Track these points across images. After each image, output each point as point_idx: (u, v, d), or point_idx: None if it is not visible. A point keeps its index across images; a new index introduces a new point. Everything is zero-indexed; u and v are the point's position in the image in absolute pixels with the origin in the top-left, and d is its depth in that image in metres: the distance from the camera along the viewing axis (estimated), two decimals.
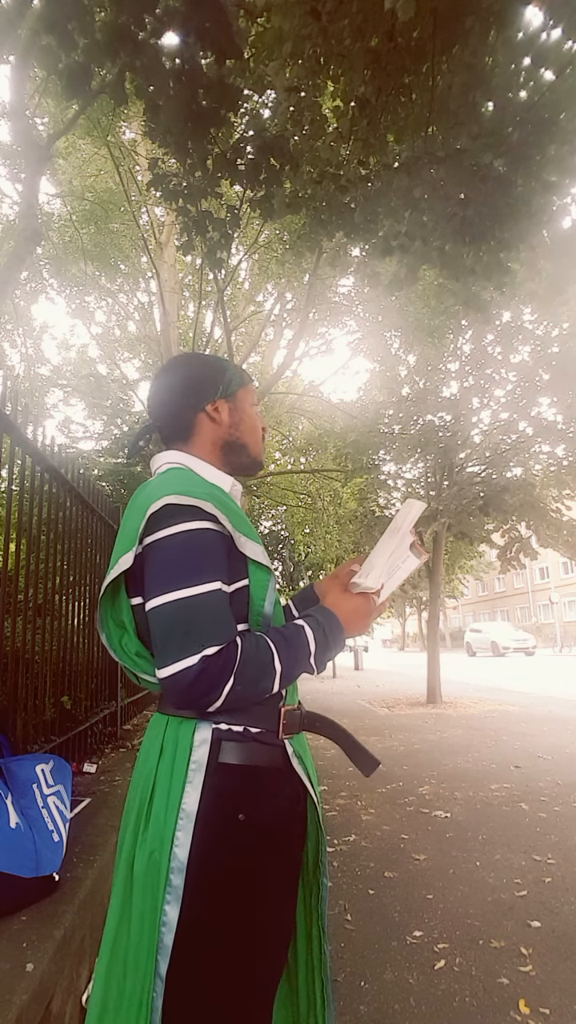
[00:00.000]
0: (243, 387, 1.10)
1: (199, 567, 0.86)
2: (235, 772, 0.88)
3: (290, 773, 0.94)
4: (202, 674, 0.81)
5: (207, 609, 0.84)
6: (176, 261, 12.00)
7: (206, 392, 1.06)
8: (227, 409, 1.07)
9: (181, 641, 0.82)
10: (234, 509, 0.93)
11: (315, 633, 0.93)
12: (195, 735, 0.88)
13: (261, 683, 0.86)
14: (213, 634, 0.83)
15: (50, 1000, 1.25)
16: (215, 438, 1.06)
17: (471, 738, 6.33)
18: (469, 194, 3.51)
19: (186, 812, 0.84)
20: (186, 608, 0.84)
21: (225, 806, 0.86)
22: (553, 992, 1.84)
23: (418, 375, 9.43)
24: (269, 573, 0.94)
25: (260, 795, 0.89)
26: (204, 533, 0.88)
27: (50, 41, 2.70)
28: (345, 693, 12.28)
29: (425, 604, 19.49)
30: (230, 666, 0.83)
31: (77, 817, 2.09)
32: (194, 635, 0.82)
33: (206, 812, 0.85)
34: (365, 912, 2.43)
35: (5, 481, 2.66)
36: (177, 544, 0.87)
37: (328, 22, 3.08)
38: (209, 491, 0.91)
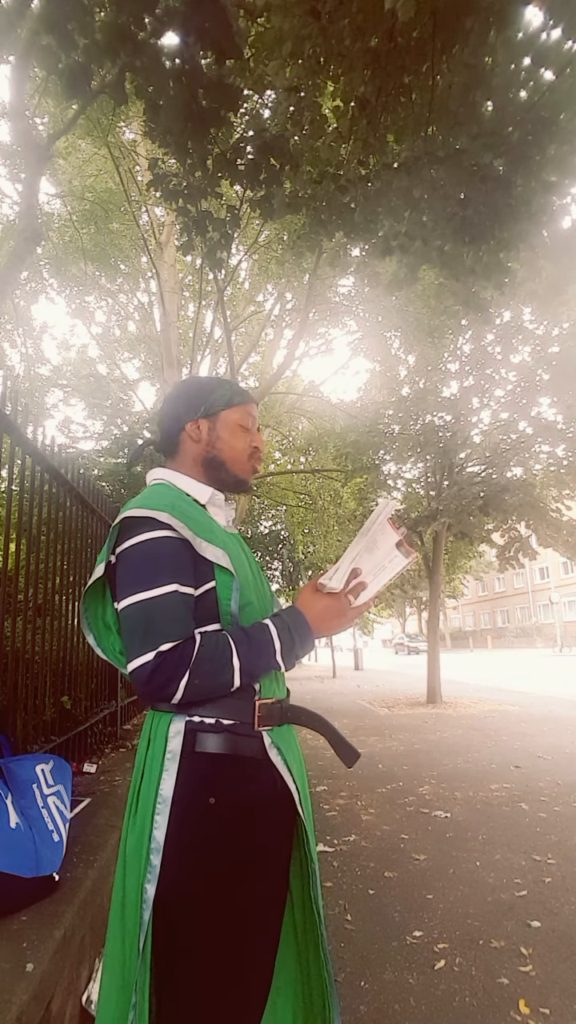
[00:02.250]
0: (229, 407, 1.15)
1: (156, 572, 0.95)
2: (209, 760, 0.96)
3: (267, 762, 0.99)
4: (158, 669, 0.89)
5: (162, 609, 0.93)
6: (176, 261, 12.00)
7: (189, 412, 1.14)
8: (206, 428, 1.13)
9: (141, 639, 0.92)
10: (196, 517, 1.01)
11: (280, 632, 0.98)
12: (171, 727, 0.97)
13: (219, 678, 0.93)
14: (168, 632, 0.92)
15: (50, 1000, 1.25)
16: (195, 455, 1.14)
17: (471, 738, 6.33)
18: (469, 194, 3.50)
19: (163, 797, 0.93)
20: (144, 609, 0.93)
21: (198, 790, 0.94)
22: (553, 992, 1.84)
23: (418, 375, 9.43)
24: (231, 576, 0.99)
25: (233, 780, 0.96)
26: (161, 540, 0.97)
27: (50, 41, 2.70)
28: (345, 693, 12.28)
29: (425, 604, 19.49)
30: (186, 661, 0.90)
31: (77, 817, 2.09)
32: (151, 633, 0.91)
33: (181, 796, 0.93)
34: (365, 912, 2.43)
35: (5, 481, 2.66)
36: (137, 552, 0.97)
37: (328, 22, 3.08)
38: (170, 502, 1.00)
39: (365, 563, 1.04)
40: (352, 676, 17.36)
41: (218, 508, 1.13)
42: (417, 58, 3.29)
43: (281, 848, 1.02)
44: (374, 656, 33.69)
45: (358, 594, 1.04)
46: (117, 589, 0.98)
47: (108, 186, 11.37)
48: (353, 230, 3.95)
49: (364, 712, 9.09)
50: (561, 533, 9.02)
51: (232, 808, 0.95)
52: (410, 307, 8.51)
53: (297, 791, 1.01)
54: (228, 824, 0.94)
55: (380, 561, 1.05)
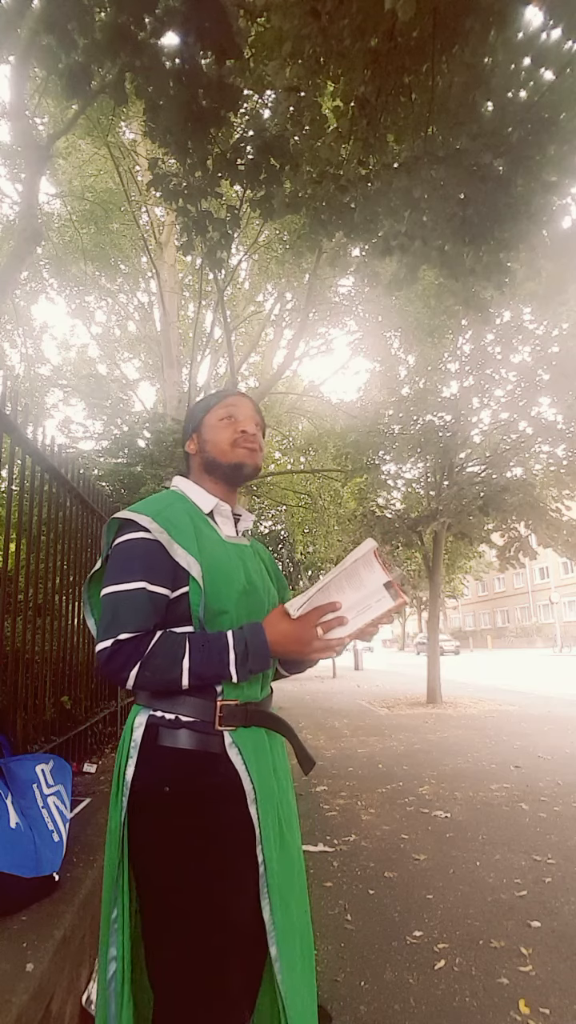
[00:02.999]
0: (207, 413, 1.26)
1: (127, 569, 1.05)
2: (167, 753, 1.04)
3: (225, 758, 1.04)
4: (114, 655, 0.99)
5: (126, 602, 1.02)
6: (176, 261, 12.00)
7: (188, 427, 1.30)
8: (196, 440, 1.26)
9: (105, 626, 1.02)
10: (180, 524, 1.09)
11: (236, 644, 1.02)
12: (136, 719, 1.07)
13: (168, 674, 1.00)
14: (127, 623, 1.01)
15: (50, 1000, 1.25)
16: (197, 465, 1.27)
17: (471, 738, 6.33)
18: (469, 194, 3.51)
19: (126, 782, 1.04)
20: (113, 601, 1.03)
21: (155, 779, 1.03)
22: (553, 992, 1.84)
23: (418, 375, 9.43)
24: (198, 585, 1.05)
25: (188, 773, 1.03)
26: (138, 542, 1.06)
27: (50, 41, 2.71)
28: (345, 693, 12.28)
29: (425, 604, 19.49)
30: (139, 653, 0.99)
31: (77, 817, 2.09)
32: (114, 622, 1.01)
33: (139, 783, 1.03)
34: (365, 912, 2.43)
35: (5, 481, 2.66)
36: (118, 550, 1.08)
37: (328, 22, 3.08)
38: (159, 508, 1.10)
39: (347, 598, 1.04)
40: (352, 676, 17.36)
41: (225, 518, 1.22)
42: (417, 58, 3.29)
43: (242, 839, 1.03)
44: (374, 656, 33.67)
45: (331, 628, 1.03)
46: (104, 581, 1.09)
47: (108, 186, 11.37)
48: (353, 230, 3.95)
49: (364, 712, 9.09)
50: (561, 533, 9.02)
51: (185, 796, 1.02)
52: (410, 307, 8.51)
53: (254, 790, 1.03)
54: (180, 810, 1.01)
55: (365, 600, 1.04)
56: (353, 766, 5.16)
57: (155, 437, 7.75)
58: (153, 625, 1.04)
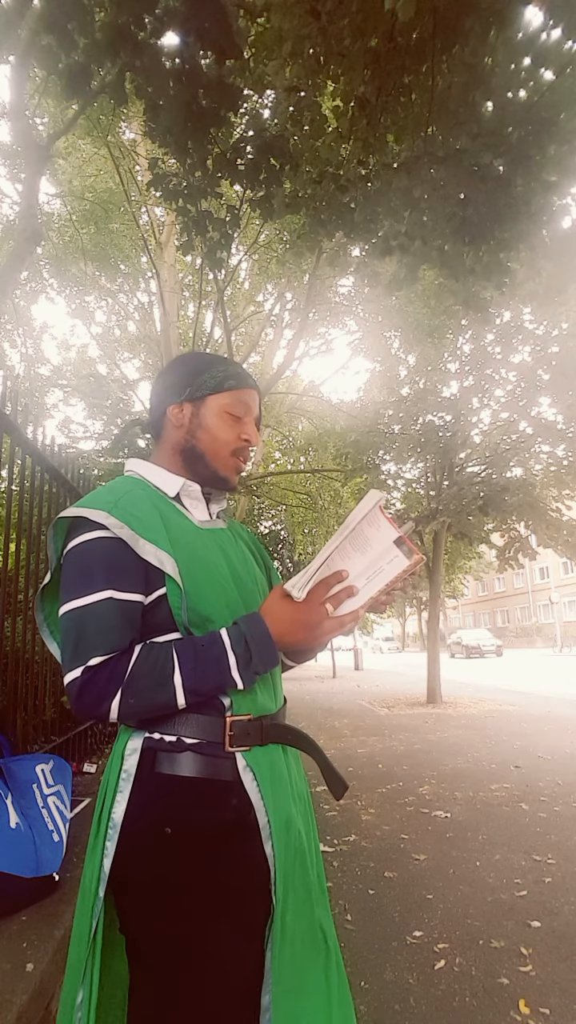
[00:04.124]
0: (218, 392, 1.00)
1: (87, 578, 0.84)
2: (168, 783, 0.84)
3: (239, 786, 0.86)
4: (86, 685, 0.80)
5: (92, 619, 0.82)
6: (176, 261, 12.00)
7: (173, 392, 1.01)
8: (189, 413, 1.01)
9: (71, 652, 0.82)
10: (142, 516, 0.88)
11: (234, 644, 0.84)
12: (127, 744, 0.87)
13: (158, 697, 0.81)
14: (96, 644, 0.81)
15: (50, 1000, 1.25)
16: (174, 442, 1.01)
17: (471, 738, 6.33)
18: (469, 194, 3.51)
19: (114, 822, 0.84)
20: (73, 619, 0.83)
21: (153, 818, 0.84)
22: (553, 992, 1.84)
23: (418, 375, 9.43)
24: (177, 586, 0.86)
25: (193, 807, 0.84)
26: (95, 542, 0.86)
27: (50, 41, 2.70)
28: (345, 693, 12.28)
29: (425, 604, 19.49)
30: (117, 678, 0.80)
31: (77, 817, 2.09)
32: (80, 646, 0.81)
33: (132, 823, 0.83)
34: (365, 912, 2.43)
35: (5, 481, 2.66)
36: (71, 556, 0.87)
37: (328, 22, 3.08)
38: (116, 499, 0.89)
39: (355, 565, 0.89)
40: (352, 676, 17.36)
41: (195, 500, 1.01)
42: (417, 58, 3.29)
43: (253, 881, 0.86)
44: (374, 656, 33.67)
45: (340, 601, 0.88)
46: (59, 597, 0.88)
47: (108, 186, 11.37)
48: (353, 230, 3.95)
49: (364, 712, 9.09)
50: (561, 533, 9.02)
51: (190, 838, 0.83)
52: (410, 307, 8.51)
53: (269, 824, 0.85)
54: (182, 856, 0.82)
55: (376, 563, 0.89)
56: (353, 766, 5.16)
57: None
58: (129, 641, 0.84)
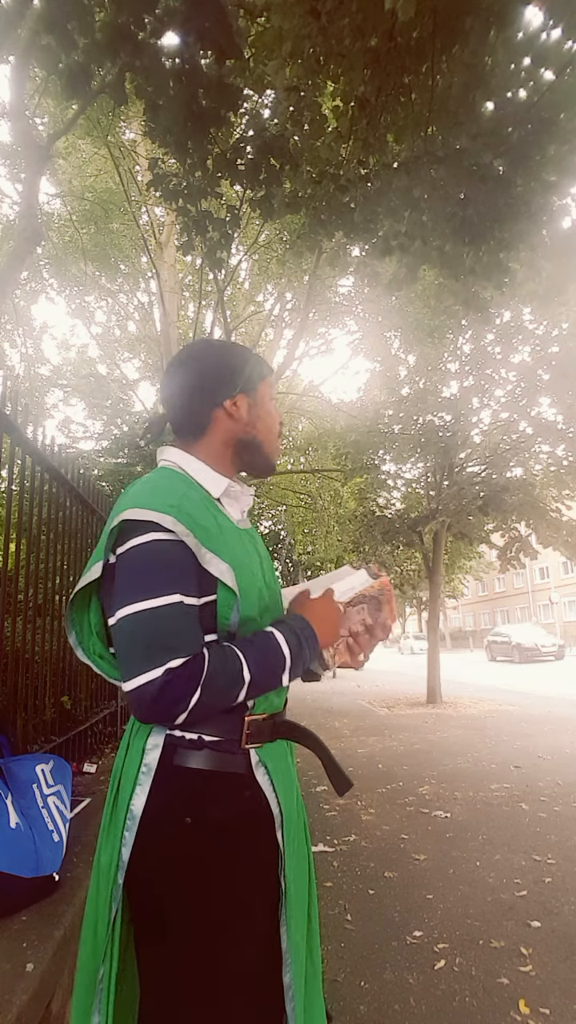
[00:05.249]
0: (263, 379, 1.04)
1: (158, 580, 0.85)
2: (187, 776, 0.88)
3: (252, 780, 0.91)
4: (166, 686, 0.80)
5: (168, 621, 0.83)
6: (176, 261, 12.00)
7: (226, 386, 1.01)
8: (246, 405, 1.01)
9: (144, 654, 0.81)
10: (203, 523, 0.89)
11: (288, 641, 0.89)
12: (148, 739, 0.90)
13: (229, 694, 0.84)
14: (176, 646, 0.82)
15: (50, 1000, 1.25)
16: (229, 436, 1.02)
17: (471, 738, 6.33)
18: (469, 194, 3.50)
19: (133, 814, 0.87)
20: (146, 621, 0.83)
21: (172, 809, 0.87)
22: (553, 992, 1.84)
23: (418, 375, 9.43)
24: (234, 594, 0.89)
25: (212, 800, 0.88)
26: (163, 545, 0.86)
27: (50, 41, 2.70)
28: (345, 693, 12.28)
29: (425, 604, 19.49)
30: (196, 678, 0.81)
31: (77, 817, 2.09)
32: (156, 648, 0.81)
33: (153, 814, 0.86)
34: (365, 912, 2.43)
35: (5, 481, 2.66)
36: (136, 557, 0.86)
37: (328, 22, 3.08)
38: (177, 502, 0.89)
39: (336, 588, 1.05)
40: (352, 676, 17.35)
41: (232, 500, 1.02)
42: (417, 58, 3.29)
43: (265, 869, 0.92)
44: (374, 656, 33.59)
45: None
46: (115, 596, 0.88)
47: (108, 186, 11.37)
48: (353, 230, 3.95)
49: (364, 712, 9.09)
50: (561, 533, 9.02)
51: (208, 828, 0.87)
52: (410, 307, 8.51)
53: (281, 814, 0.92)
54: (201, 845, 0.87)
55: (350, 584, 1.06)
56: (353, 766, 5.16)
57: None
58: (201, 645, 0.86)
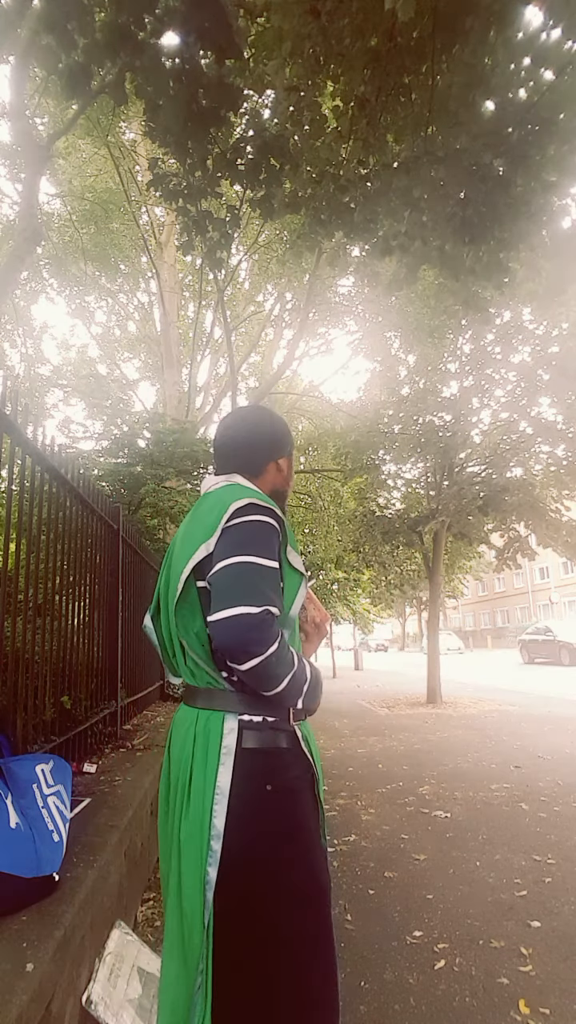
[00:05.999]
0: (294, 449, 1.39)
1: (269, 547, 1.05)
2: (258, 754, 1.07)
3: (299, 752, 1.12)
4: (262, 624, 0.96)
5: (272, 579, 1.02)
6: (176, 261, 12.00)
7: (281, 448, 1.33)
8: (287, 465, 1.35)
9: (247, 591, 0.98)
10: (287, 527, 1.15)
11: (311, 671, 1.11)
12: (224, 725, 1.07)
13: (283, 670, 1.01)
14: (273, 600, 0.99)
15: (50, 1000, 1.25)
16: (273, 484, 1.31)
17: (471, 738, 6.33)
18: (469, 194, 3.50)
19: (221, 788, 1.03)
20: (256, 570, 1.01)
21: (255, 781, 1.05)
22: (553, 992, 1.84)
23: (418, 375, 9.44)
24: (301, 578, 1.14)
25: (280, 769, 1.08)
26: (273, 527, 1.09)
27: (50, 41, 2.70)
28: (345, 693, 12.28)
29: (425, 604, 19.48)
30: (278, 635, 0.99)
31: (77, 817, 2.09)
32: (260, 592, 0.98)
33: (238, 788, 1.03)
34: (365, 912, 2.43)
35: (5, 481, 2.66)
36: (256, 526, 1.07)
37: (328, 21, 3.08)
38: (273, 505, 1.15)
39: None
40: (352, 676, 17.36)
41: None
42: (417, 58, 3.29)
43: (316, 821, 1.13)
44: (374, 656, 33.65)
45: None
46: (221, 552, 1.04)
47: (108, 186, 11.37)
48: (353, 230, 3.95)
49: (364, 712, 9.09)
50: (560, 533, 9.02)
51: (283, 794, 1.07)
52: (410, 307, 8.51)
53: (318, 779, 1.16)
54: (281, 809, 1.06)
55: None
56: (353, 766, 5.16)
57: (155, 437, 7.74)
58: None
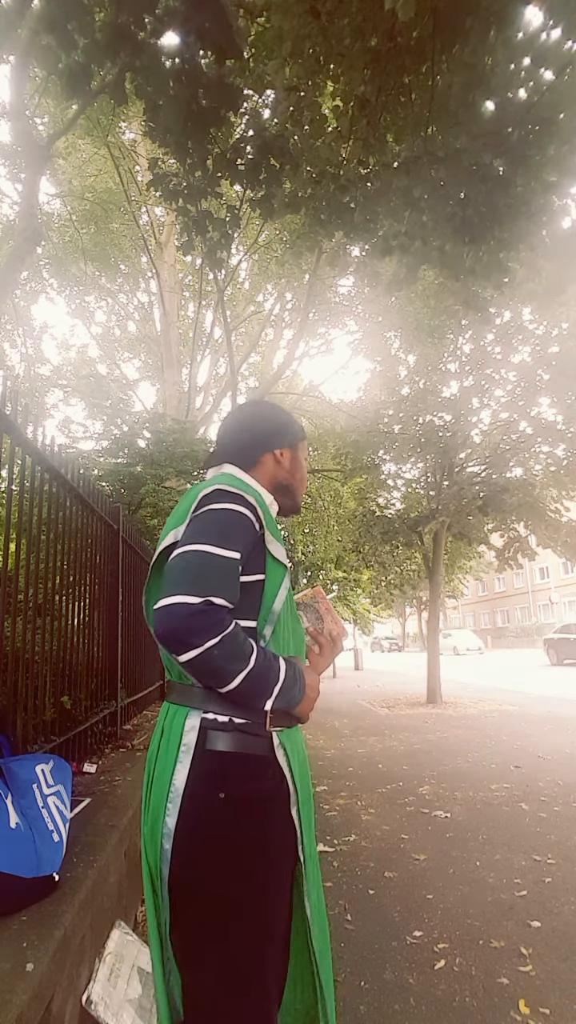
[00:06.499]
0: (302, 440, 1.32)
1: (227, 536, 0.99)
2: (219, 757, 1.00)
3: (273, 761, 1.03)
4: (200, 614, 0.90)
5: (221, 569, 0.96)
6: (176, 261, 12.00)
7: (278, 438, 1.27)
8: (289, 457, 1.27)
9: (191, 580, 0.93)
10: (268, 514, 1.10)
11: (287, 670, 1.02)
12: (186, 722, 1.01)
13: (231, 664, 0.93)
14: (220, 588, 0.93)
15: (50, 1000, 1.25)
16: (273, 477, 1.26)
17: (471, 738, 6.33)
18: (469, 194, 3.50)
19: (176, 788, 0.98)
20: (204, 560, 0.95)
21: (208, 785, 0.98)
22: (553, 992, 1.84)
23: (418, 375, 9.44)
24: (285, 570, 1.08)
25: (240, 778, 1.00)
26: (241, 515, 1.02)
27: (50, 41, 2.70)
28: (345, 693, 12.28)
29: (425, 604, 19.49)
30: (224, 626, 0.92)
31: (77, 817, 2.09)
32: (204, 581, 0.93)
33: (192, 789, 0.98)
34: (365, 912, 2.43)
35: (5, 481, 2.66)
36: (218, 514, 1.02)
37: (328, 21, 3.08)
38: (255, 491, 1.10)
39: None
40: (352, 676, 17.36)
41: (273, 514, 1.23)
42: (417, 58, 3.29)
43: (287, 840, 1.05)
44: (374, 656, 33.66)
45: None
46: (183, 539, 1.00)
47: (108, 186, 11.37)
48: (353, 230, 3.95)
49: (364, 712, 9.09)
50: (560, 534, 9.01)
51: (240, 803, 0.99)
52: (410, 307, 8.51)
53: (296, 792, 1.05)
54: (235, 818, 0.98)
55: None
56: (353, 766, 5.16)
57: (155, 437, 7.75)
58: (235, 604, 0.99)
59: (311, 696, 1.08)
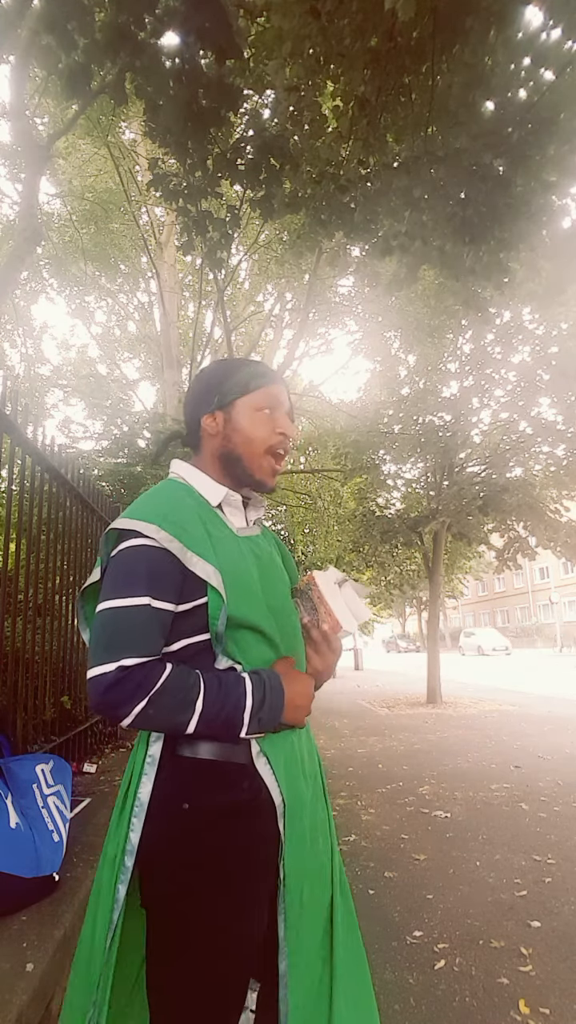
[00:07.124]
0: (246, 394, 1.04)
1: (129, 581, 0.89)
2: (188, 765, 0.92)
3: (253, 770, 0.94)
4: (117, 684, 0.84)
5: (129, 621, 0.87)
6: (176, 261, 12.00)
7: (204, 403, 1.06)
8: (221, 420, 1.05)
9: (104, 646, 0.86)
10: (191, 529, 0.93)
11: (255, 690, 0.91)
12: (152, 732, 0.94)
13: (176, 716, 0.87)
14: (131, 645, 0.86)
15: (50, 1000, 1.25)
16: (212, 450, 1.06)
17: (471, 738, 6.33)
18: (469, 194, 3.50)
19: (140, 801, 0.91)
20: (112, 617, 0.88)
21: (174, 796, 0.91)
22: (553, 992, 1.84)
23: (418, 375, 9.43)
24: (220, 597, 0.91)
25: (210, 788, 0.92)
26: (143, 550, 0.91)
27: (50, 41, 2.70)
28: (345, 693, 12.28)
29: (425, 604, 19.49)
30: (148, 685, 0.85)
31: (77, 817, 2.09)
32: (114, 643, 0.86)
33: (157, 801, 0.91)
34: (365, 912, 2.43)
35: (5, 481, 2.66)
36: (117, 562, 0.93)
37: (328, 21, 3.08)
38: (164, 512, 0.93)
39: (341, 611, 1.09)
40: (352, 676, 17.36)
41: (235, 508, 1.06)
42: (417, 58, 3.29)
43: (265, 858, 0.94)
44: (374, 656, 33.66)
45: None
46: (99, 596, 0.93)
47: (108, 186, 11.37)
48: (353, 230, 3.95)
49: (364, 712, 9.09)
50: (559, 534, 9.01)
51: (205, 814, 0.91)
52: (410, 307, 8.51)
53: (283, 803, 0.94)
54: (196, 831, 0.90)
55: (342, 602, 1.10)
56: (353, 766, 5.16)
57: (155, 437, 7.75)
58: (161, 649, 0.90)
59: (298, 704, 0.96)
